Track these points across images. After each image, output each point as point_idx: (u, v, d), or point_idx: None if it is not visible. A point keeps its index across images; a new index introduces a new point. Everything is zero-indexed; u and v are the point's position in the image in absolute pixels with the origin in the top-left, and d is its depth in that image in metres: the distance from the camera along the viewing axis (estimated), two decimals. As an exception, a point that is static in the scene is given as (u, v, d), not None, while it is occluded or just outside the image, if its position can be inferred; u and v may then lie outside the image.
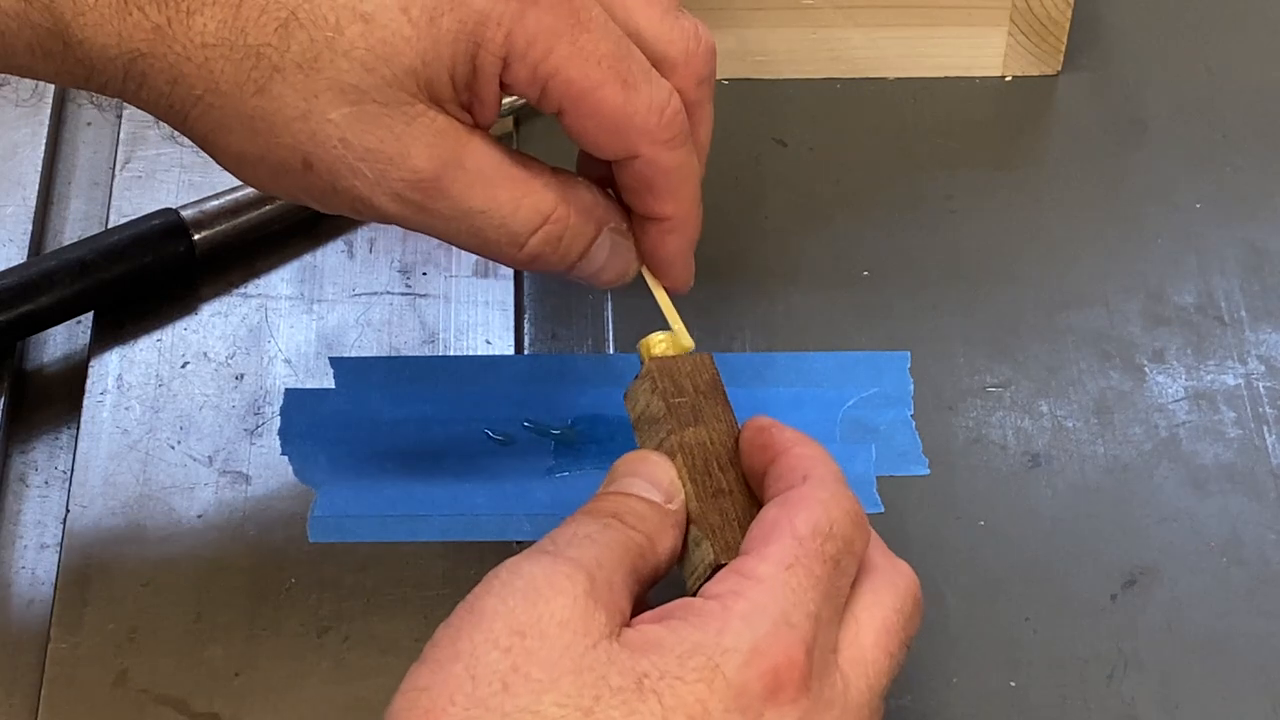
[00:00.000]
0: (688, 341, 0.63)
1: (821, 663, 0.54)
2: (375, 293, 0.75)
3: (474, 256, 0.76)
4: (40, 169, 0.78)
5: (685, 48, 0.61)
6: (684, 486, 0.59)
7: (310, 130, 0.58)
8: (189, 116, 0.59)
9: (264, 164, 0.59)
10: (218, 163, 0.61)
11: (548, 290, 0.76)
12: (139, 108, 0.60)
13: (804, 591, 0.54)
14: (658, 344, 0.62)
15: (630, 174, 0.61)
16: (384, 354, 0.73)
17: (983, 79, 0.84)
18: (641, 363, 0.62)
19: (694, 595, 0.57)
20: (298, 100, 0.58)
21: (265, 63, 0.58)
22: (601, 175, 0.63)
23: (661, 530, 0.58)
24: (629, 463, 0.60)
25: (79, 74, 0.59)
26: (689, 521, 0.59)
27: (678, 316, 0.64)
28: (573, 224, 0.61)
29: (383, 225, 0.76)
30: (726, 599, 0.54)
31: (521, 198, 0.60)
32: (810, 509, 0.56)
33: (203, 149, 0.61)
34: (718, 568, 0.57)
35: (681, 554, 0.59)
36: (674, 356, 0.61)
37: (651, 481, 0.59)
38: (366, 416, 0.70)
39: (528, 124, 0.82)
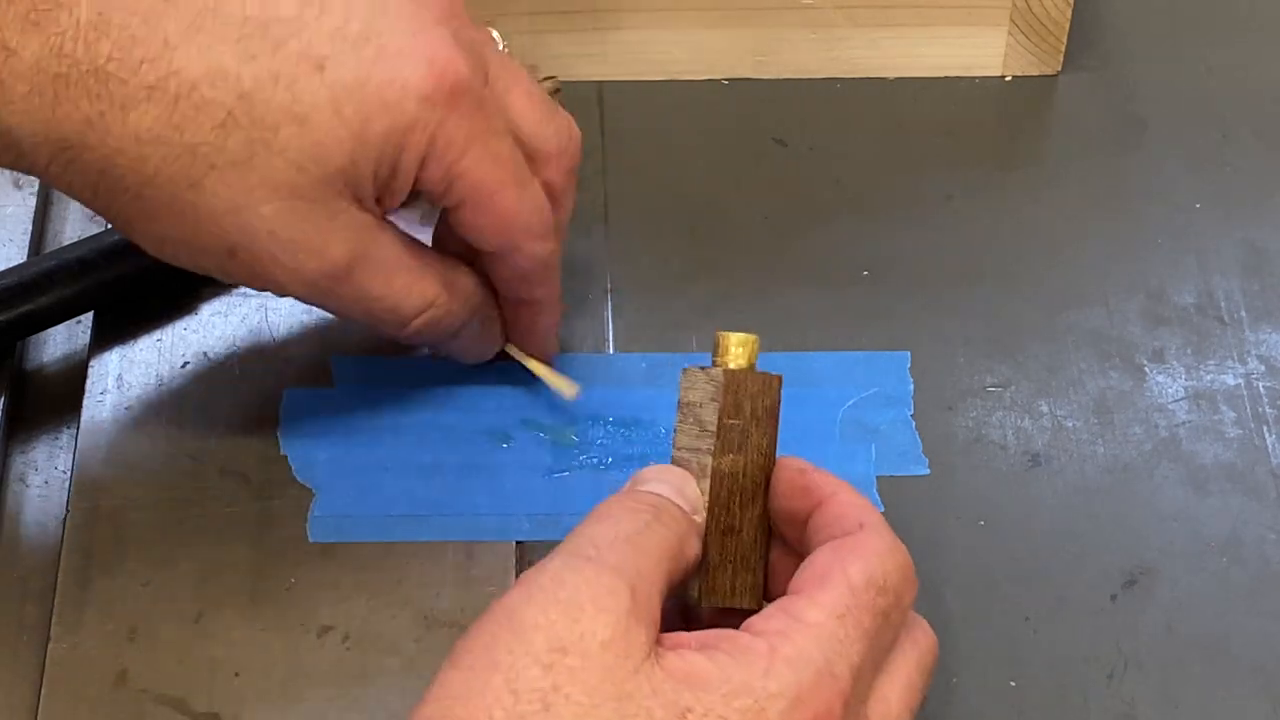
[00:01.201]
0: (572, 390, 0.70)
1: (855, 714, 0.54)
2: (375, 293, 0.75)
3: (474, 256, 0.76)
4: (40, 169, 0.78)
5: (559, 144, 0.66)
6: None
7: (241, 224, 0.61)
8: (115, 204, 0.61)
9: (185, 247, 0.62)
10: (131, 239, 0.63)
11: (548, 290, 0.76)
12: (62, 190, 0.62)
13: (851, 643, 0.54)
14: (737, 347, 0.60)
15: (508, 266, 0.67)
16: (384, 354, 0.73)
17: (983, 79, 0.84)
18: (715, 346, 0.60)
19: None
20: (232, 196, 0.60)
21: (201, 160, 0.60)
22: (458, 254, 0.67)
23: (690, 535, 0.58)
24: (656, 470, 0.59)
25: (5, 157, 0.60)
26: None
27: (550, 371, 0.70)
28: (452, 310, 0.67)
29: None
30: (773, 639, 0.54)
31: (413, 285, 0.65)
32: (866, 559, 0.56)
33: (119, 228, 0.63)
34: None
35: None
36: (747, 371, 0.60)
37: (678, 491, 0.58)
38: (366, 416, 0.70)
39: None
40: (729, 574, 0.59)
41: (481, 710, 0.51)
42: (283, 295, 0.64)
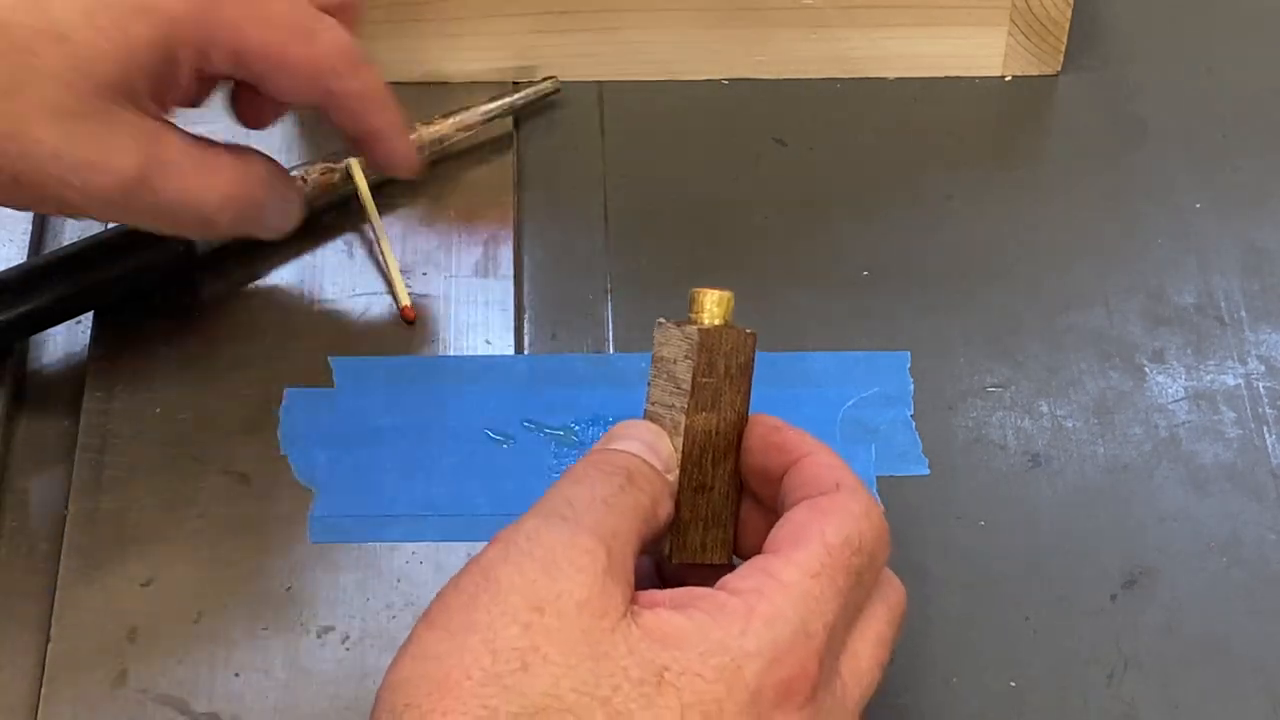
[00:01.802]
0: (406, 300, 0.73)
1: (828, 670, 0.54)
2: (375, 293, 0.75)
3: (474, 256, 0.76)
4: (40, 169, 0.78)
5: None
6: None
7: (20, 150, 0.61)
8: None
9: None
10: None
11: (548, 290, 0.76)
12: None
13: (825, 601, 0.54)
14: (713, 305, 0.60)
15: (336, 109, 0.68)
16: (384, 354, 0.73)
17: (983, 79, 0.84)
18: (691, 302, 0.61)
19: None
20: (5, 124, 0.60)
21: None
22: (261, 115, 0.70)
23: (663, 496, 0.58)
24: (630, 426, 0.60)
25: None
26: None
27: (400, 279, 0.74)
28: (254, 196, 0.67)
29: (381, 227, 0.76)
30: (750, 598, 0.54)
31: (209, 182, 0.65)
32: (842, 519, 0.56)
33: None
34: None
35: None
36: (722, 328, 0.60)
37: (651, 449, 0.59)
38: (367, 416, 0.70)
39: (527, 124, 0.82)
40: (700, 530, 0.59)
41: (459, 670, 0.51)
42: (84, 216, 0.65)
